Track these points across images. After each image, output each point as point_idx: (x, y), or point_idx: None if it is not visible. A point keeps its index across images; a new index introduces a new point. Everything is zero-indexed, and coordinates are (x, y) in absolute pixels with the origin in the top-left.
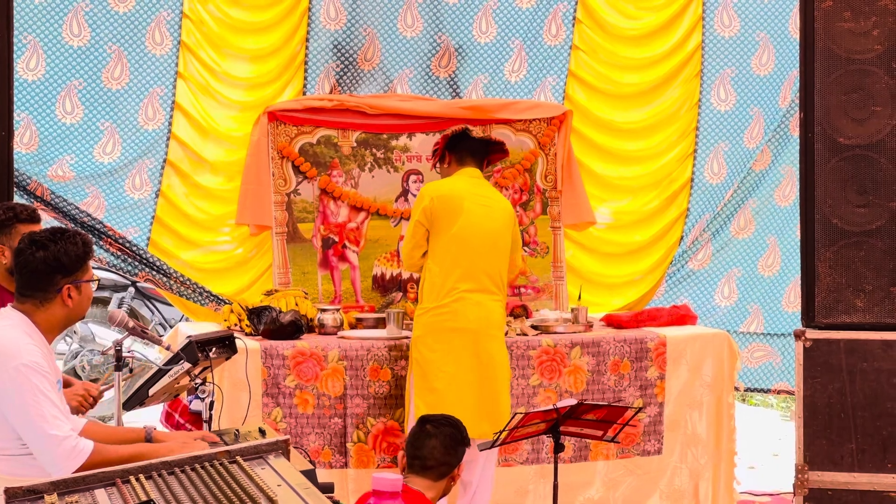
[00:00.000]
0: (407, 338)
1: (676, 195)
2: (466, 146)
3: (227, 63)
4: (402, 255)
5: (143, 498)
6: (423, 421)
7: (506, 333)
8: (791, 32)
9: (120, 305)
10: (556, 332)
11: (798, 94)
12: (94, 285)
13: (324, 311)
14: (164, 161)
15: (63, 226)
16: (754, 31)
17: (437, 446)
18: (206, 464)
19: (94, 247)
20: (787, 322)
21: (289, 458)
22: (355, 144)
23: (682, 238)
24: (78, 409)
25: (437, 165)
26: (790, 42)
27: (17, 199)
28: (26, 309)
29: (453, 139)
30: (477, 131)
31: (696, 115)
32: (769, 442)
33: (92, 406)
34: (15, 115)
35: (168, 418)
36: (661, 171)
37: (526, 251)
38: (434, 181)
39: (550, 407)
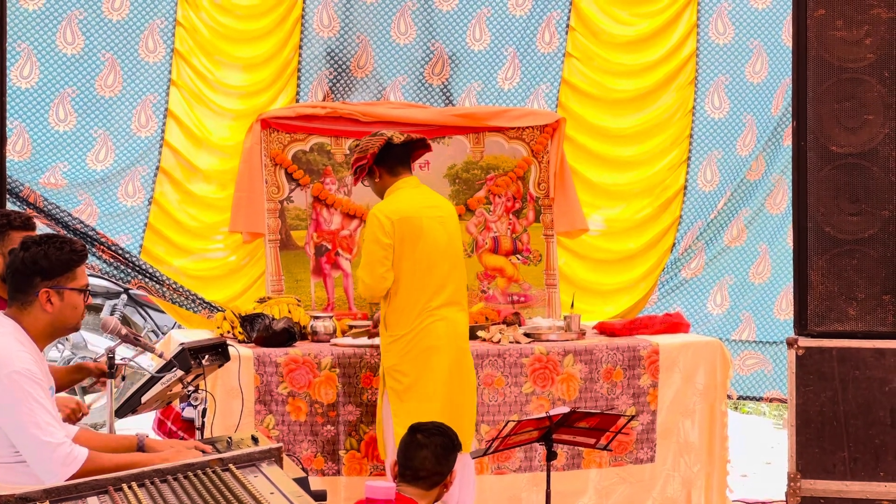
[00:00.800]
0: None
1: (670, 202)
2: (393, 155)
3: (220, 71)
4: (365, 283)
5: None
6: (414, 430)
7: (498, 341)
8: (784, 40)
9: (112, 312)
10: (548, 340)
11: (791, 103)
12: (85, 297)
13: (317, 318)
14: (157, 168)
15: (57, 233)
16: (748, 39)
17: (429, 456)
18: (199, 472)
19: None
20: (780, 330)
21: (281, 466)
22: (348, 152)
23: (674, 245)
24: (67, 420)
25: (365, 181)
26: (783, 50)
27: (10, 206)
28: (13, 313)
29: (381, 152)
30: (396, 135)
31: (690, 123)
32: (761, 450)
33: (79, 419)
34: (8, 122)
35: (160, 426)
36: (655, 177)
37: (519, 259)
38: (385, 203)
39: (543, 415)
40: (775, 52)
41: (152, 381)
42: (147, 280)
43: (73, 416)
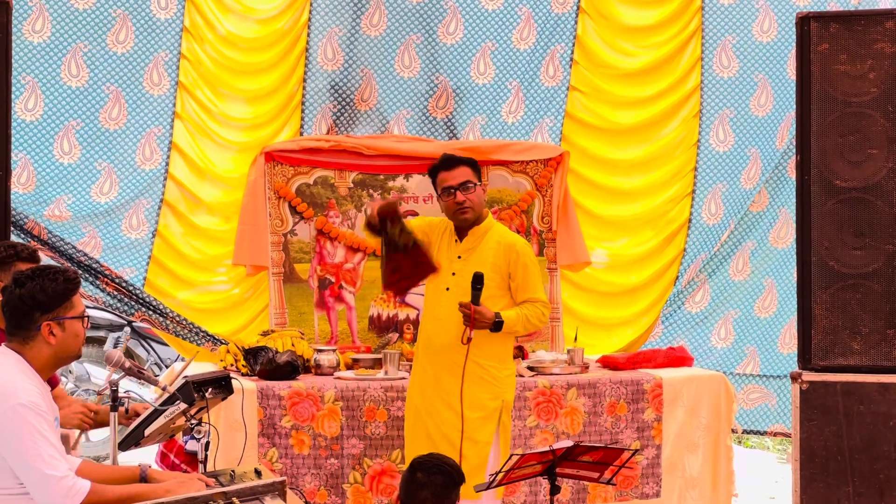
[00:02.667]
0: (403, 378)
1: (674, 235)
2: None
3: (224, 104)
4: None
5: None
6: (414, 468)
7: None
8: (789, 74)
9: (116, 345)
10: (552, 374)
11: (795, 136)
12: (84, 322)
13: (320, 351)
14: (161, 201)
15: (55, 264)
16: (753, 72)
17: (429, 497)
18: None
19: (91, 286)
20: (784, 364)
21: (285, 500)
22: (352, 185)
23: (677, 278)
24: (80, 427)
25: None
26: (788, 83)
27: (14, 238)
28: (15, 347)
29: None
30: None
31: (695, 155)
32: (765, 484)
33: (94, 422)
34: (13, 155)
35: (163, 458)
36: (659, 209)
37: None
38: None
39: (546, 448)
40: (780, 86)
41: (155, 413)
42: (151, 313)
43: (86, 421)
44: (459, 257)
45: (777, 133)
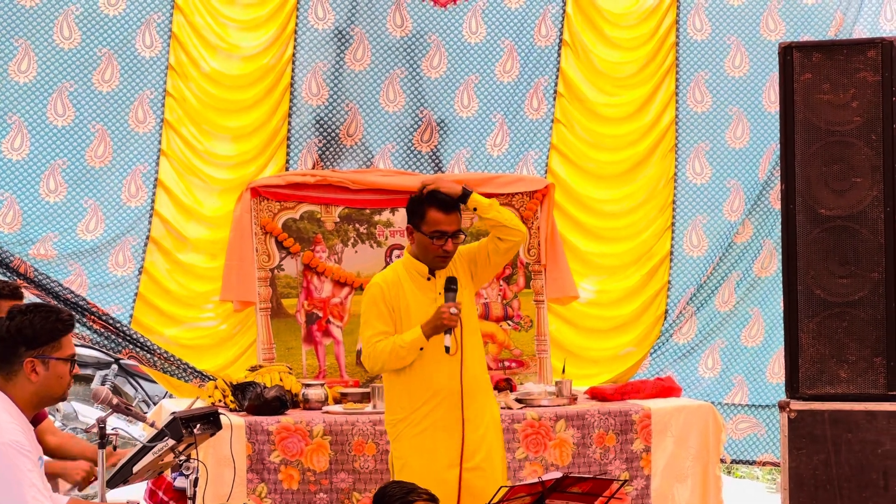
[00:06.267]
0: None
1: (656, 269)
2: None
3: (209, 142)
4: None
5: None
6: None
7: None
8: (765, 106)
9: (103, 383)
10: (540, 405)
11: (777, 166)
12: (72, 367)
13: (308, 386)
14: (147, 238)
15: (51, 303)
16: (726, 106)
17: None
18: None
19: (78, 324)
20: (772, 393)
21: None
22: (338, 220)
23: (666, 312)
24: (81, 485)
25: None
26: (764, 115)
27: (0, 277)
28: (0, 384)
29: None
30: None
31: (673, 190)
32: None
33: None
34: None
35: (152, 496)
36: (642, 247)
37: (510, 325)
38: None
39: (535, 480)
40: (756, 118)
41: (144, 450)
42: (138, 350)
43: (88, 480)
44: (440, 293)
45: (759, 164)
